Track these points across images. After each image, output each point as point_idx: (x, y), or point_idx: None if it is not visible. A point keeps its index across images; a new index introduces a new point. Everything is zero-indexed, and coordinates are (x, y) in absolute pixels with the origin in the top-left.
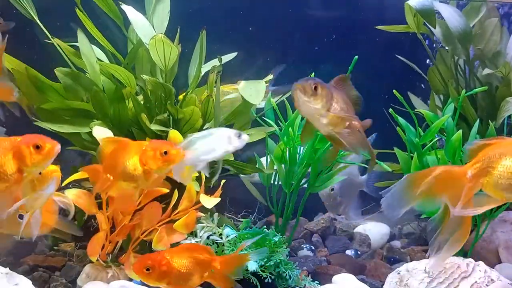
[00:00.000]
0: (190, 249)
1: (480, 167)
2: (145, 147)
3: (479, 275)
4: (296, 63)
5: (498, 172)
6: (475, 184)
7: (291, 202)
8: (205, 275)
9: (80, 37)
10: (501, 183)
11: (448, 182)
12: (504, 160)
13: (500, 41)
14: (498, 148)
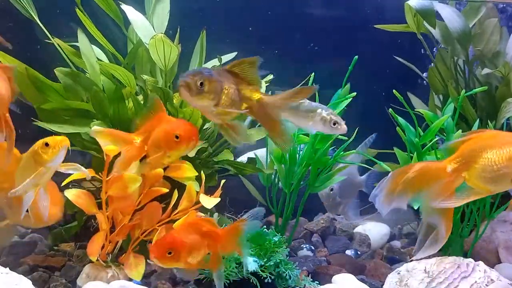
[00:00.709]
0: (196, 224)
1: (461, 161)
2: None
3: (479, 275)
4: (296, 63)
5: (481, 165)
6: (456, 178)
7: (291, 202)
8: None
9: (80, 37)
10: (484, 176)
11: (428, 177)
12: (485, 153)
13: (499, 41)
14: (479, 141)
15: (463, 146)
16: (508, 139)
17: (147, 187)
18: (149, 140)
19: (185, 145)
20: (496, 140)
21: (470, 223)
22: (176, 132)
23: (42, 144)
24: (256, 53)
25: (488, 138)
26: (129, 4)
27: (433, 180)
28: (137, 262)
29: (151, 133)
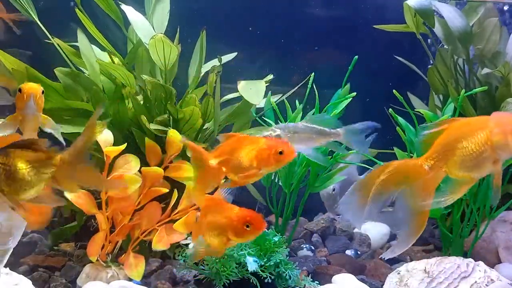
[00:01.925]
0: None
1: (438, 157)
2: (262, 145)
3: (479, 275)
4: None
5: (459, 156)
6: (436, 174)
7: (291, 202)
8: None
9: (80, 37)
10: (465, 165)
11: (404, 175)
12: (461, 143)
13: (499, 41)
14: (451, 133)
15: (437, 141)
16: (479, 125)
17: (147, 187)
18: (230, 161)
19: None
20: (469, 127)
21: (470, 223)
22: (280, 149)
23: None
24: (256, 53)
25: (460, 127)
26: (129, 4)
27: (410, 179)
28: (137, 262)
29: (231, 155)
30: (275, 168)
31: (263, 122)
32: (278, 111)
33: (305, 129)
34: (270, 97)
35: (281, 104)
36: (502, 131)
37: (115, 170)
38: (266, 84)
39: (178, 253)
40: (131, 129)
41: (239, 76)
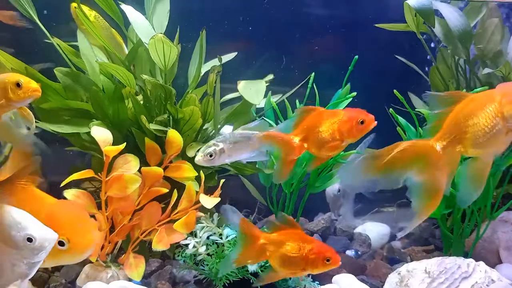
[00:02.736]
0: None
1: (450, 138)
2: (343, 117)
3: (480, 276)
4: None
5: (472, 134)
6: (451, 154)
7: (291, 202)
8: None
9: (80, 36)
10: (480, 142)
11: (414, 156)
12: (472, 120)
13: (501, 41)
14: (460, 112)
15: (447, 122)
16: (487, 99)
17: (147, 187)
18: (311, 137)
19: (369, 128)
20: (476, 103)
21: (471, 224)
22: (361, 118)
23: (14, 82)
24: (256, 53)
25: (467, 104)
26: (129, 4)
27: (421, 160)
28: (137, 262)
29: (312, 130)
30: (357, 139)
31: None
32: (278, 111)
33: (241, 137)
34: (270, 97)
35: (281, 104)
36: (510, 101)
37: (115, 169)
38: (266, 84)
39: (178, 254)
40: (131, 129)
41: (239, 76)
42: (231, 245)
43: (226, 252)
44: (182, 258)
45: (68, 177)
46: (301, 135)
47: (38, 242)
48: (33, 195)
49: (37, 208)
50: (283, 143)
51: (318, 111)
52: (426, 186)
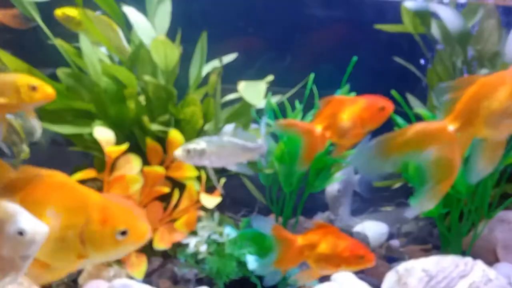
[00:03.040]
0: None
1: (463, 118)
2: (364, 104)
3: (477, 274)
4: (296, 63)
5: (485, 116)
6: (463, 135)
7: (291, 202)
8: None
9: (82, 37)
10: (494, 122)
11: (426, 139)
12: (486, 101)
13: (498, 42)
14: (474, 93)
15: (459, 104)
16: (499, 80)
17: (149, 187)
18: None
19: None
20: (489, 86)
21: (468, 222)
22: (381, 104)
23: (29, 85)
24: (256, 53)
25: (480, 86)
26: (131, 5)
27: (433, 142)
28: (139, 261)
29: (333, 118)
30: (377, 126)
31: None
32: (278, 112)
33: (229, 144)
34: (270, 97)
35: (281, 104)
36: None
37: (117, 169)
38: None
39: (179, 252)
40: (132, 129)
41: (240, 77)
42: (232, 244)
43: (226, 251)
44: (183, 257)
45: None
46: (322, 123)
47: (29, 236)
48: (80, 192)
49: (87, 204)
50: (304, 132)
51: (339, 99)
52: (438, 168)
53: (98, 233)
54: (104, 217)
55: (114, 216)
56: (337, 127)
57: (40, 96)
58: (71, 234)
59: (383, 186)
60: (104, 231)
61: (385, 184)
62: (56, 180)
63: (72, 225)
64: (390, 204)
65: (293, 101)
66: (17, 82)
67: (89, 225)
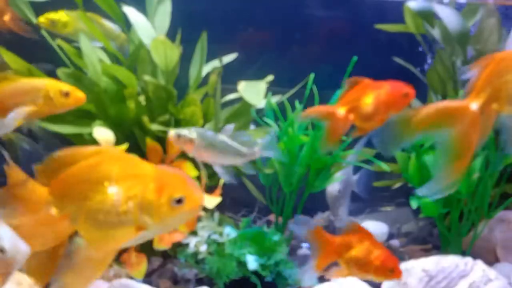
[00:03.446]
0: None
1: (486, 95)
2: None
3: (478, 274)
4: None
5: (508, 91)
6: (487, 114)
7: (291, 202)
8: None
9: (82, 38)
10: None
11: (449, 117)
12: (505, 76)
13: (498, 42)
14: (495, 69)
15: (480, 81)
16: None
17: None
18: (356, 109)
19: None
20: (509, 60)
21: (468, 222)
22: (405, 90)
23: (61, 91)
24: (257, 53)
25: (499, 62)
26: (131, 5)
27: (456, 120)
28: (139, 261)
29: (357, 102)
30: (399, 111)
31: (263, 123)
32: (278, 112)
33: (221, 144)
34: (270, 97)
35: (281, 104)
36: None
37: None
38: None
39: (179, 252)
40: (132, 129)
41: (240, 77)
42: (232, 244)
43: (226, 251)
44: (183, 257)
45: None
46: (346, 106)
47: (10, 254)
48: (135, 163)
49: (143, 174)
50: (327, 115)
51: (365, 83)
52: (457, 147)
53: (155, 203)
54: (160, 186)
55: (169, 184)
56: (360, 110)
57: (72, 102)
58: (131, 206)
59: (387, 186)
60: (161, 200)
61: (384, 184)
62: (111, 154)
63: (132, 197)
64: (390, 204)
65: (293, 101)
66: (49, 89)
67: (146, 195)
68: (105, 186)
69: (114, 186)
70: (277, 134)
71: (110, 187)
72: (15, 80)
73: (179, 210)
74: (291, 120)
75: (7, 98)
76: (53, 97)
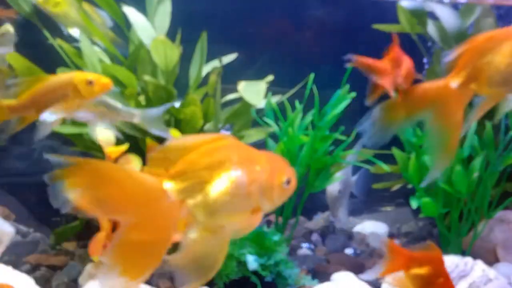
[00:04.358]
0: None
1: (465, 74)
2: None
3: (477, 274)
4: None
5: (488, 70)
6: (465, 92)
7: (291, 201)
8: None
9: (82, 37)
10: (496, 79)
11: (432, 97)
12: (489, 56)
13: None
14: (476, 48)
15: (461, 60)
16: (503, 36)
17: None
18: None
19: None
20: (493, 41)
21: (468, 222)
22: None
23: (85, 81)
24: (257, 53)
25: (483, 42)
26: (131, 4)
27: (437, 101)
28: None
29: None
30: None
31: (263, 123)
32: (278, 112)
33: (101, 103)
34: (270, 97)
35: (281, 104)
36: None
37: None
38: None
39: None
40: (132, 129)
41: (240, 77)
42: (232, 244)
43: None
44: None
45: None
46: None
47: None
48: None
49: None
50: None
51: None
52: (445, 127)
53: (272, 185)
54: (272, 169)
55: (279, 167)
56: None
57: (99, 89)
58: (254, 189)
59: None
60: (275, 182)
61: (384, 186)
62: (227, 140)
63: (254, 180)
64: (390, 204)
65: (293, 101)
66: (75, 81)
67: (266, 178)
68: (228, 170)
69: (238, 170)
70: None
71: (234, 171)
72: (43, 80)
73: (288, 191)
74: (291, 120)
75: (39, 100)
76: (80, 88)
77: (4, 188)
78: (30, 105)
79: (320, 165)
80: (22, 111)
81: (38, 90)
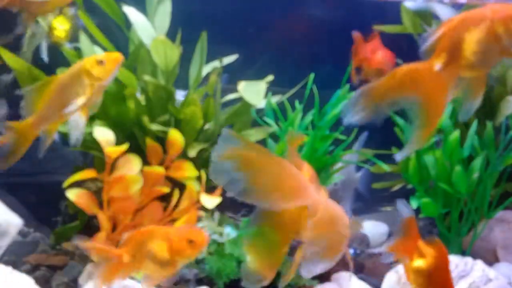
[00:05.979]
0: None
1: (446, 56)
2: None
3: (477, 274)
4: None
5: (467, 51)
6: (449, 74)
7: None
8: None
9: (82, 38)
10: (475, 60)
11: (414, 80)
12: (466, 37)
13: None
14: (453, 30)
15: (441, 43)
16: (477, 18)
17: (149, 186)
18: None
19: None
20: (468, 22)
21: (468, 222)
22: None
23: (95, 62)
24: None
25: (459, 23)
26: (131, 4)
27: (420, 84)
28: None
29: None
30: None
31: (263, 122)
32: (278, 112)
33: None
34: (270, 97)
35: (281, 104)
36: (503, 19)
37: (117, 170)
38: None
39: None
40: (132, 129)
41: (240, 77)
42: (232, 244)
43: (226, 251)
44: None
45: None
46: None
47: (2, 227)
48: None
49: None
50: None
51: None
52: (426, 109)
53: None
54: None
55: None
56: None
57: (111, 66)
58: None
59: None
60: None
61: (383, 186)
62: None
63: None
64: (390, 204)
65: (293, 101)
66: (86, 67)
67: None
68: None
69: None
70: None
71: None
72: (52, 81)
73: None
74: (291, 120)
75: (57, 101)
76: (93, 71)
77: (4, 188)
78: (52, 110)
79: (320, 165)
80: (46, 119)
81: (53, 92)
